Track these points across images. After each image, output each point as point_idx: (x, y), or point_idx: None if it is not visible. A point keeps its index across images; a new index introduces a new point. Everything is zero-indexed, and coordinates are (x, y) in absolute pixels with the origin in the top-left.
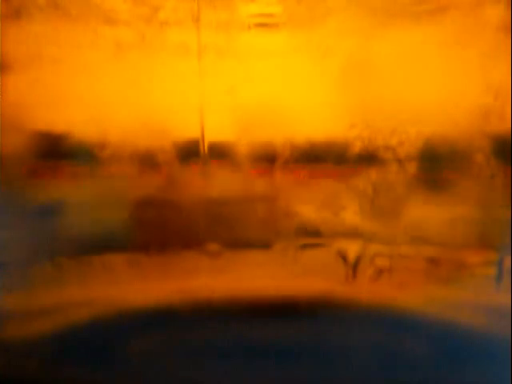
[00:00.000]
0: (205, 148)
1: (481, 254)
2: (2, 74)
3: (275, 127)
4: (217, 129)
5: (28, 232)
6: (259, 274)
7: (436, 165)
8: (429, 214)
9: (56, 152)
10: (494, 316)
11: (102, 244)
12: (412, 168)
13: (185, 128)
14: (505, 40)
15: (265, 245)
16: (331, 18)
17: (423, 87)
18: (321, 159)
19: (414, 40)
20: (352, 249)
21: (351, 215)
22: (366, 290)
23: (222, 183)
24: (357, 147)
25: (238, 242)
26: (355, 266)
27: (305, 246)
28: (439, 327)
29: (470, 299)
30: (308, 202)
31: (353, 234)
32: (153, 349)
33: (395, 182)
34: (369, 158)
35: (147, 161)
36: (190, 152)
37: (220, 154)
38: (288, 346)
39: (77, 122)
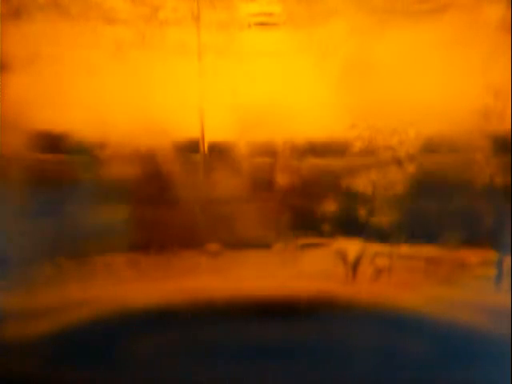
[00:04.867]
0: (205, 148)
1: (481, 254)
2: (2, 74)
3: (275, 127)
4: (217, 129)
5: (28, 232)
6: (259, 274)
7: (436, 165)
8: (429, 213)
9: (56, 152)
10: (494, 316)
11: (102, 244)
12: (412, 168)
13: (185, 128)
14: (505, 40)
15: (265, 245)
16: (331, 17)
17: (423, 87)
18: (321, 159)
19: (414, 40)
20: (352, 249)
21: (351, 215)
22: (365, 290)
23: (221, 183)
24: (357, 147)
25: (238, 242)
26: (355, 266)
27: (305, 246)
28: (439, 327)
29: (470, 299)
30: (308, 202)
31: (353, 233)
32: (153, 349)
33: (395, 182)
34: (369, 158)
35: (147, 161)
36: (190, 152)
37: (220, 154)
38: (288, 345)
39: (77, 122)
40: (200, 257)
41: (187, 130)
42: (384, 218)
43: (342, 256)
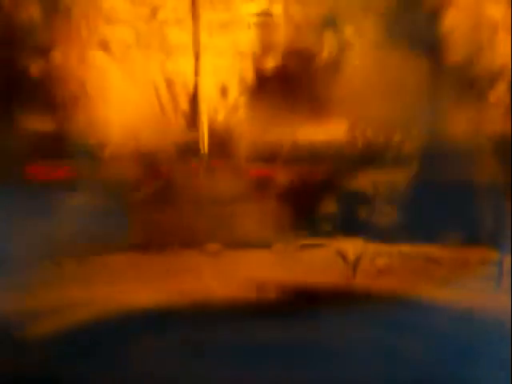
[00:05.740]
0: (205, 148)
1: (481, 254)
2: None
3: (275, 127)
4: (217, 129)
5: (28, 232)
6: (259, 274)
7: (436, 165)
8: (429, 213)
9: (56, 152)
10: (494, 316)
11: (102, 244)
12: (412, 168)
13: (185, 128)
14: (504, 40)
15: (265, 245)
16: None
17: (423, 87)
18: (321, 159)
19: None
20: (352, 249)
21: (351, 215)
22: (366, 289)
23: (222, 183)
24: (357, 147)
25: (238, 242)
26: (355, 266)
27: (305, 246)
28: (439, 327)
29: (470, 299)
30: (308, 202)
31: (353, 233)
32: (153, 348)
33: (395, 182)
34: (369, 158)
35: (147, 161)
36: (189, 152)
37: (220, 153)
38: (288, 345)
39: (77, 122)
40: (200, 257)
41: (187, 130)
42: (384, 218)
43: (342, 256)
